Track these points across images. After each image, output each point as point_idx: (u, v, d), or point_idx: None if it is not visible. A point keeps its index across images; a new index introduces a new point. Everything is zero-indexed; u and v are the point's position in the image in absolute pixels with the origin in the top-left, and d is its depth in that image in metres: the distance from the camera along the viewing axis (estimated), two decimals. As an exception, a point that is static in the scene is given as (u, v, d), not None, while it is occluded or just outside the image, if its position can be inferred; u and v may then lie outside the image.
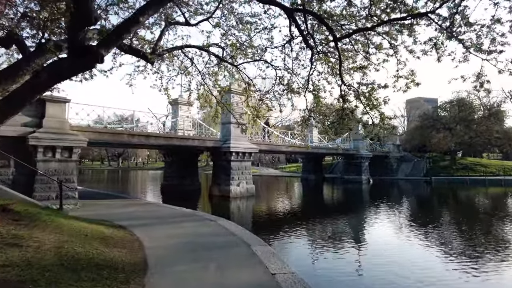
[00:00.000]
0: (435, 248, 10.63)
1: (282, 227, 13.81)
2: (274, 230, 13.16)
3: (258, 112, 11.71)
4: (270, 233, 12.62)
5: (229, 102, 23.33)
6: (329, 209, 19.64)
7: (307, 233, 12.79)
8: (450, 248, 10.65)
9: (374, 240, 11.78)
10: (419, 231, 13.20)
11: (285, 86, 10.74)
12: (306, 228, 13.74)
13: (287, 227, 13.90)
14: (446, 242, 11.40)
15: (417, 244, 11.19)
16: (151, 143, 17.99)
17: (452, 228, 14.06)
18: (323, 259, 9.67)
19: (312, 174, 41.77)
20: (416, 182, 42.10)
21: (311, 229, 13.59)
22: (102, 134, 15.94)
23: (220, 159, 22.23)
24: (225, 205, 19.32)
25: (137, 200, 16.96)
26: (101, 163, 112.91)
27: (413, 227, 14.09)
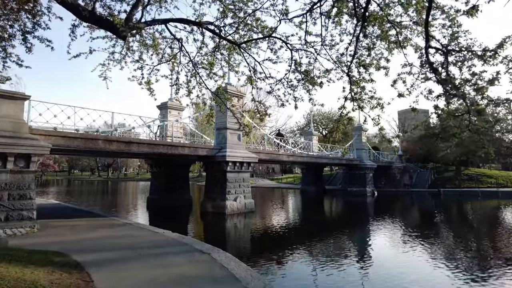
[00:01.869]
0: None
1: (289, 252, 11.05)
2: (281, 257, 10.40)
3: (265, 112, 9.03)
4: (276, 262, 9.88)
5: (222, 109, 20.77)
6: (339, 229, 16.89)
7: (319, 261, 10.04)
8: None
9: (395, 265, 9.08)
10: (447, 259, 10.50)
11: (302, 74, 8.18)
12: (317, 253, 10.99)
13: (295, 252, 11.17)
14: (481, 271, 8.73)
15: (446, 276, 8.49)
16: (133, 151, 15.18)
17: (488, 254, 11.40)
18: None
19: (312, 186, 39.06)
20: (421, 194, 39.67)
21: (322, 254, 10.84)
22: (72, 139, 13.12)
23: (214, 169, 19.46)
24: (220, 225, 16.48)
25: (114, 220, 14.04)
26: (90, 174, 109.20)
27: (439, 253, 11.38)
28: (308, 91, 8.40)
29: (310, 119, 45.87)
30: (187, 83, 9.99)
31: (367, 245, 12.80)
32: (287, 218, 20.09)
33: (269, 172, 76.63)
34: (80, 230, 11.34)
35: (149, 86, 10.28)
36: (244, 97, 21.08)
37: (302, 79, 8.33)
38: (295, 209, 25.38)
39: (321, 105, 8.25)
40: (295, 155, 25.98)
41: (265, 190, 47.19)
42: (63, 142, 12.78)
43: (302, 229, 16.51)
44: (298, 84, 8.45)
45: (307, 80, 8.08)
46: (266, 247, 12.35)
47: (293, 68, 8.17)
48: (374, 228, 16.61)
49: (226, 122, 19.69)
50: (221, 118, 20.10)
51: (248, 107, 40.93)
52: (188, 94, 9.92)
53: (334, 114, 62.58)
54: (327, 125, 61.27)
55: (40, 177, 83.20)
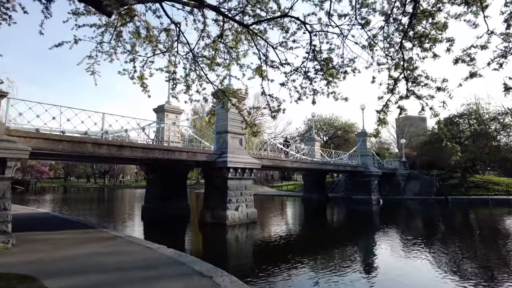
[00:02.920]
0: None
1: (297, 268, 9.66)
2: (289, 275, 9.01)
3: (278, 108, 7.75)
4: (284, 280, 8.52)
5: (226, 106, 19.46)
6: (347, 241, 15.46)
7: (330, 278, 8.63)
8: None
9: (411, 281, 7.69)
10: (470, 276, 9.09)
11: (321, 63, 6.95)
12: (327, 268, 9.58)
13: (303, 267, 9.82)
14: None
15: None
16: (125, 155, 13.80)
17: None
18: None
19: (314, 194, 37.62)
20: (427, 202, 38.29)
21: (333, 270, 9.42)
22: (57, 142, 11.75)
23: (214, 176, 18.06)
24: (220, 237, 15.05)
25: (104, 232, 12.61)
26: (86, 181, 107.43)
27: (457, 269, 9.99)
28: (328, 83, 7.14)
29: (312, 124, 44.66)
30: (186, 77, 8.75)
31: (381, 259, 11.41)
32: (291, 229, 18.68)
33: (268, 179, 75.11)
34: (62, 246, 9.92)
35: (142, 81, 9.11)
36: (246, 98, 19.80)
37: (321, 69, 7.08)
38: (299, 219, 23.96)
39: (344, 99, 6.97)
40: (299, 161, 24.63)
41: (265, 198, 45.68)
42: (46, 145, 11.41)
43: (309, 242, 15.09)
44: (316, 76, 7.20)
45: (328, 69, 6.83)
46: (272, 262, 10.93)
47: (311, 56, 6.91)
48: (385, 239, 15.22)
49: (227, 125, 18.38)
50: (221, 121, 18.81)
51: (248, 106, 40.00)
52: (187, 89, 8.68)
53: (335, 119, 61.57)
54: (328, 131, 60.05)
55: (35, 184, 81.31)
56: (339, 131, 60.50)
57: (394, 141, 75.58)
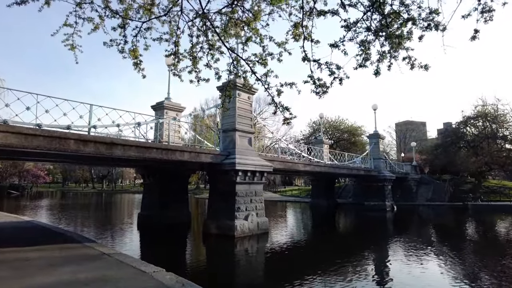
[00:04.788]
0: None
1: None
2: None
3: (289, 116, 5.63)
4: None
5: (233, 102, 17.27)
6: (370, 255, 13.15)
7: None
8: None
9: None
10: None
11: (387, 19, 4.84)
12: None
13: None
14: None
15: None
16: (116, 155, 11.56)
17: None
18: None
19: (323, 199, 35.26)
20: (443, 208, 36.01)
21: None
22: (30, 137, 9.53)
23: (220, 180, 15.82)
24: (228, 253, 12.74)
25: (89, 247, 10.34)
26: (84, 186, 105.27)
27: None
28: (394, 47, 5.00)
29: (320, 126, 42.47)
30: (192, 48, 6.62)
31: (414, 277, 9.13)
32: (307, 241, 16.42)
33: (269, 184, 72.56)
34: (30, 269, 7.64)
35: (135, 55, 7.02)
36: (256, 93, 17.62)
37: (386, 25, 4.94)
38: (312, 228, 21.65)
39: (423, 66, 4.83)
40: (312, 164, 22.37)
41: (269, 204, 43.15)
42: (17, 141, 9.20)
43: (330, 256, 12.73)
44: (379, 36, 5.05)
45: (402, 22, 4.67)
46: (291, 284, 8.66)
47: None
48: (414, 253, 12.78)
49: (235, 123, 16.18)
50: (228, 117, 16.61)
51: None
52: (194, 64, 6.54)
53: (341, 122, 59.38)
54: (333, 134, 57.76)
55: (30, 189, 78.95)
56: (345, 134, 58.27)
57: (394, 146, 73.94)
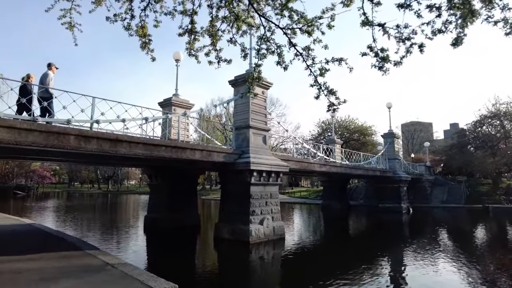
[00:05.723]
0: None
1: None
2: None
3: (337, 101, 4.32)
4: None
5: (246, 97, 16.08)
6: (400, 263, 11.84)
7: None
8: None
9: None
10: None
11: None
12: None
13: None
14: None
15: None
16: (122, 153, 10.44)
17: None
18: None
19: (335, 201, 33.88)
20: (460, 211, 34.39)
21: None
22: (25, 132, 8.44)
23: (233, 181, 14.63)
24: (243, 261, 11.55)
25: (90, 257, 9.23)
26: (90, 186, 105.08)
27: None
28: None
29: (330, 125, 41.20)
30: (212, 22, 5.51)
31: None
32: (325, 246, 15.17)
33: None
34: (20, 285, 6.56)
35: (144, 32, 5.91)
36: (271, 87, 16.40)
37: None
38: (328, 232, 20.36)
39: None
40: (328, 164, 21.08)
41: (281, 206, 42.01)
42: (9, 136, 8.11)
43: (348, 261, 11.40)
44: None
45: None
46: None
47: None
48: (440, 260, 11.46)
49: (248, 119, 15.00)
50: (242, 114, 15.43)
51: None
52: (214, 40, 5.40)
53: (351, 122, 57.96)
54: (343, 134, 56.28)
55: (36, 190, 78.56)
56: (355, 134, 56.82)
57: (401, 146, 72.19)
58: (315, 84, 4.81)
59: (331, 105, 4.86)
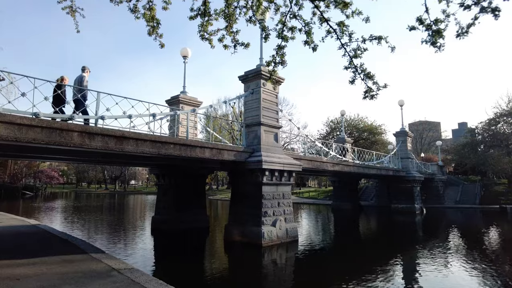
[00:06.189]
0: None
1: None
2: None
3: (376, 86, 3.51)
4: None
5: (257, 93, 15.42)
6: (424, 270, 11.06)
7: None
8: None
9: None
10: None
11: None
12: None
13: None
14: None
15: None
16: (128, 150, 9.88)
17: None
18: None
19: (346, 202, 33.07)
20: (475, 211, 33.33)
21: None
22: (25, 128, 7.91)
23: (244, 181, 14.00)
24: (256, 266, 10.90)
25: (95, 261, 8.68)
26: (97, 186, 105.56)
27: None
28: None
29: (340, 123, 40.35)
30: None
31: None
32: (339, 249, 14.41)
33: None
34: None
35: (152, 14, 5.33)
36: (283, 82, 15.71)
37: None
38: (341, 234, 19.58)
39: None
40: (341, 163, 20.31)
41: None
42: (7, 132, 7.57)
43: (365, 265, 10.69)
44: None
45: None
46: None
47: None
48: (463, 267, 10.67)
49: (259, 116, 14.35)
50: (252, 110, 14.79)
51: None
52: (230, 22, 4.76)
53: (360, 120, 56.97)
54: (352, 133, 55.31)
55: (44, 190, 79.00)
56: (364, 133, 55.80)
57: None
58: (350, 67, 4.13)
59: (368, 90, 4.18)
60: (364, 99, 4.23)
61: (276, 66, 4.72)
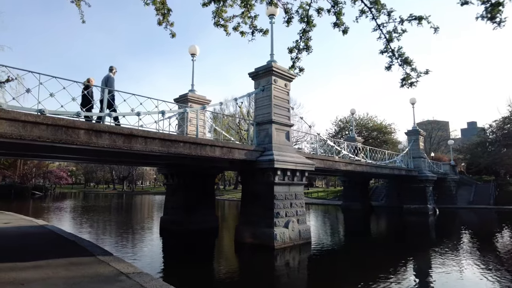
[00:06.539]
0: None
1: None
2: None
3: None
4: None
5: (268, 90, 14.98)
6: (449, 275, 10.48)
7: None
8: None
9: None
10: None
11: None
12: None
13: None
14: None
15: None
16: (137, 149, 9.52)
17: None
18: None
19: (357, 202, 32.39)
20: (490, 212, 32.39)
21: None
22: (30, 125, 7.59)
23: (255, 180, 13.56)
24: (268, 270, 10.45)
25: (103, 264, 8.32)
26: (105, 187, 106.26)
27: None
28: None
29: (349, 123, 39.66)
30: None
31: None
32: (353, 251, 13.84)
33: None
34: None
35: (162, 0, 4.86)
36: (295, 78, 15.22)
37: None
38: (355, 236, 19.00)
39: None
40: (353, 163, 19.73)
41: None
42: (11, 129, 7.25)
43: (381, 269, 10.17)
44: None
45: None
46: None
47: None
48: (486, 272, 10.08)
49: (271, 114, 13.90)
50: (263, 108, 14.35)
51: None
52: (247, 8, 4.25)
53: (370, 119, 56.15)
54: (361, 132, 54.49)
55: (53, 190, 79.67)
56: (373, 132, 54.95)
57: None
58: (386, 51, 3.65)
59: (406, 78, 3.70)
60: (401, 87, 3.78)
61: (300, 52, 4.27)
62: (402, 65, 3.67)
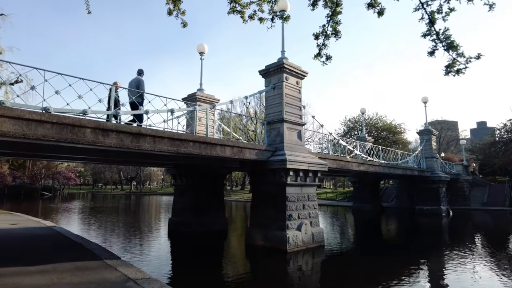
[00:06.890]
0: None
1: None
2: None
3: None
4: None
5: (279, 87, 14.51)
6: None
7: None
8: None
9: None
10: None
11: None
12: None
13: None
14: None
15: None
16: (145, 148, 9.16)
17: None
18: None
19: (367, 203, 31.75)
20: (505, 214, 31.43)
21: None
22: (34, 123, 7.26)
23: (266, 181, 13.11)
24: (281, 275, 9.98)
25: (109, 269, 7.96)
26: (113, 187, 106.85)
27: None
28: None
29: (359, 123, 38.99)
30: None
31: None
32: (368, 254, 13.29)
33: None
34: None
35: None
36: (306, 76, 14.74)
37: None
38: (368, 238, 18.42)
39: None
40: (366, 163, 19.17)
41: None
42: (15, 128, 6.93)
43: (397, 274, 9.61)
44: None
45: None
46: None
47: None
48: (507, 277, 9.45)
49: (282, 112, 13.45)
50: (274, 106, 13.90)
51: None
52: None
53: (379, 119, 55.30)
54: (370, 132, 53.65)
55: (62, 191, 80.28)
56: (383, 132, 54.08)
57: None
58: (429, 33, 3.18)
59: (451, 64, 3.22)
60: (446, 75, 3.33)
61: (327, 38, 3.81)
62: (448, 49, 3.20)
